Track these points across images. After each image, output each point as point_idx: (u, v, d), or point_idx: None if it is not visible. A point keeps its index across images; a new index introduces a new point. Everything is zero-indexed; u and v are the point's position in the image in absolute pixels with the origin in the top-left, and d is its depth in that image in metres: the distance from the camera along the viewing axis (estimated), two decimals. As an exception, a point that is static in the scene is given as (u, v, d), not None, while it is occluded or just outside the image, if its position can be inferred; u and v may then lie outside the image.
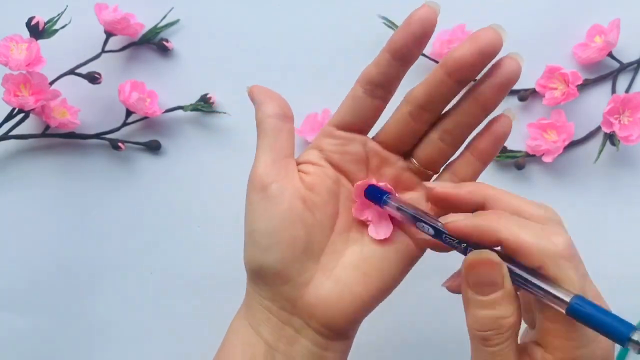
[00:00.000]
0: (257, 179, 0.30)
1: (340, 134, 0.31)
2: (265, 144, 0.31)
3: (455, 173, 0.31)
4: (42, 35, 0.43)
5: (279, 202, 0.30)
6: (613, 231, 0.46)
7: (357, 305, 0.31)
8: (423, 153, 0.31)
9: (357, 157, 0.32)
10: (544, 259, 0.25)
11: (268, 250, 0.30)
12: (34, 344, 0.46)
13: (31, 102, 0.42)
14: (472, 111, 0.29)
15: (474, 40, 0.27)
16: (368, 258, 0.31)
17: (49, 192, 0.46)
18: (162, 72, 0.47)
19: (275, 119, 0.31)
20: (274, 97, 0.32)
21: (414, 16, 0.28)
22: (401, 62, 0.29)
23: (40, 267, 0.46)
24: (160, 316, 0.47)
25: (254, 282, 0.32)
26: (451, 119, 0.30)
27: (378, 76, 0.30)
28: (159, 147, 0.46)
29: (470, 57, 0.27)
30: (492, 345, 0.25)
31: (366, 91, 0.30)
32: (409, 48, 0.28)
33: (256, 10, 0.47)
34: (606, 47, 0.44)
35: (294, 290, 0.30)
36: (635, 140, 0.44)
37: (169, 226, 0.47)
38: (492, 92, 0.28)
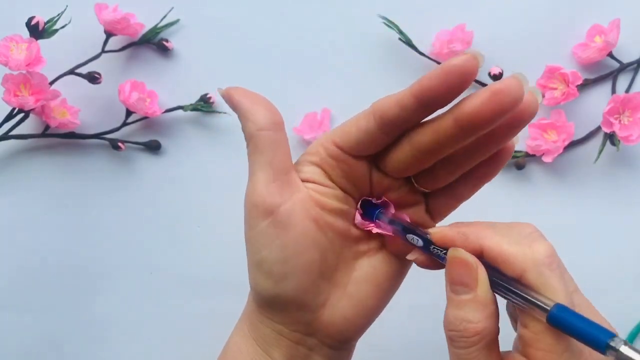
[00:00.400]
0: (260, 202, 0.27)
1: (346, 158, 0.28)
2: (262, 160, 0.28)
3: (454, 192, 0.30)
4: (42, 35, 0.43)
5: (290, 227, 0.27)
6: (613, 231, 0.46)
7: (371, 317, 0.31)
8: (424, 179, 0.29)
9: (361, 181, 0.29)
10: (525, 266, 0.24)
11: (283, 280, 0.28)
12: (34, 344, 0.46)
13: (31, 102, 0.42)
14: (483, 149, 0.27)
15: (494, 95, 0.23)
16: (376, 268, 0.30)
17: (49, 192, 0.46)
18: (162, 72, 0.47)
19: (270, 131, 0.28)
20: (261, 102, 0.28)
21: (454, 65, 0.23)
22: (426, 110, 0.25)
23: (40, 267, 0.46)
24: (160, 316, 0.47)
25: (263, 308, 0.30)
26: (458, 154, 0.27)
27: (397, 119, 0.26)
28: (159, 147, 0.46)
29: (488, 114, 0.23)
30: (457, 347, 0.25)
31: (380, 128, 0.26)
32: (440, 99, 0.25)
33: (256, 10, 0.47)
34: (606, 47, 0.44)
35: (310, 314, 0.29)
36: (635, 140, 0.44)
37: (169, 226, 0.46)
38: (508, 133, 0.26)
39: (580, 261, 0.46)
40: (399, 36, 0.45)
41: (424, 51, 0.46)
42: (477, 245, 0.26)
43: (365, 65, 0.46)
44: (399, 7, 0.46)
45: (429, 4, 0.46)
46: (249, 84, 0.46)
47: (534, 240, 0.25)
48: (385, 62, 0.46)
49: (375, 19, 0.45)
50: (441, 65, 0.24)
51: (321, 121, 0.45)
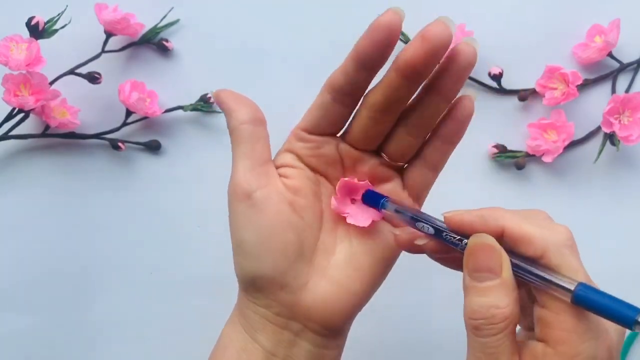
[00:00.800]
0: (238, 188, 0.30)
1: (312, 137, 0.31)
2: (242, 151, 0.30)
3: (426, 159, 0.31)
4: (42, 35, 0.43)
5: (266, 209, 0.29)
6: (613, 231, 0.46)
7: (354, 301, 0.31)
8: (392, 148, 0.31)
9: (331, 158, 0.31)
10: (547, 246, 0.24)
11: (260, 260, 0.30)
12: (34, 344, 0.46)
13: (31, 102, 0.42)
14: (435, 103, 0.28)
15: (424, 38, 0.26)
16: (357, 253, 0.31)
17: (49, 192, 0.46)
18: (162, 72, 0.47)
19: (250, 125, 0.30)
20: (244, 101, 0.31)
21: (378, 23, 0.27)
22: (367, 70, 0.28)
23: (41, 267, 0.46)
24: (160, 316, 0.47)
25: (247, 291, 0.32)
26: (415, 114, 0.29)
27: (345, 85, 0.29)
28: (159, 147, 0.46)
29: (422, 57, 0.26)
30: (483, 336, 0.25)
31: (334, 99, 0.29)
32: (374, 57, 0.27)
33: (256, 10, 0.47)
34: (606, 47, 0.44)
35: (291, 295, 0.30)
36: (635, 140, 0.44)
37: (169, 226, 0.46)
38: (452, 82, 0.28)
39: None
40: (399, 36, 0.45)
41: (424, 51, 0.46)
42: (497, 227, 0.26)
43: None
44: (399, 7, 0.46)
45: (429, 4, 0.46)
46: (249, 84, 0.47)
47: (552, 223, 0.25)
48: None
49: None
50: (369, 26, 0.27)
51: (321, 121, 0.45)
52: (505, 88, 0.46)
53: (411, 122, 0.29)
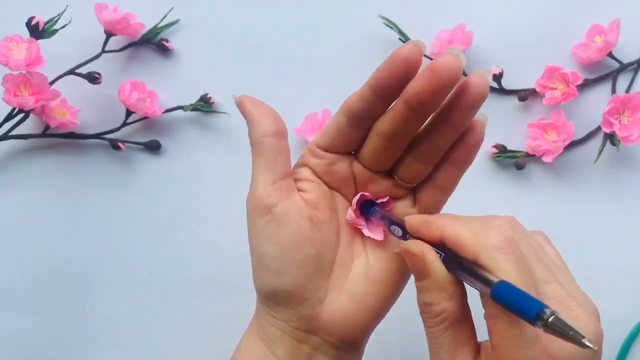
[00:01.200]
0: (258, 202, 0.30)
1: (326, 154, 0.31)
2: (263, 164, 0.30)
3: (436, 181, 0.31)
4: (42, 35, 0.43)
5: (286, 224, 0.30)
6: (613, 231, 0.46)
7: (372, 315, 0.31)
8: (403, 172, 0.31)
9: (344, 176, 0.31)
10: (478, 251, 0.25)
11: (281, 274, 0.30)
12: (34, 344, 0.46)
13: (31, 102, 0.42)
14: (444, 133, 0.28)
15: (433, 72, 0.25)
16: (374, 266, 0.31)
17: (49, 192, 0.46)
18: (162, 72, 0.47)
19: (272, 138, 0.30)
20: (267, 112, 0.31)
21: (398, 54, 0.26)
22: (384, 100, 0.28)
23: (40, 267, 0.46)
24: (160, 316, 0.47)
25: (266, 304, 0.32)
26: (425, 142, 0.29)
27: (361, 111, 0.28)
28: (159, 147, 0.46)
29: (430, 91, 0.25)
30: (427, 327, 0.27)
31: (349, 122, 0.29)
32: (391, 87, 0.27)
33: (256, 10, 0.47)
34: (606, 47, 0.44)
35: (310, 309, 0.30)
36: (635, 140, 0.44)
37: (169, 226, 0.47)
38: (462, 115, 0.27)
39: (580, 261, 0.46)
40: (399, 36, 0.45)
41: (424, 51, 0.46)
42: (438, 233, 0.27)
43: (366, 65, 0.46)
44: (399, 7, 0.46)
45: (429, 4, 0.46)
46: (249, 84, 0.47)
47: (492, 228, 0.26)
48: (385, 62, 0.46)
49: (375, 19, 0.45)
50: (389, 57, 0.26)
51: (322, 121, 0.45)
52: (505, 88, 0.46)
53: (421, 149, 0.29)
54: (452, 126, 0.28)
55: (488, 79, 0.27)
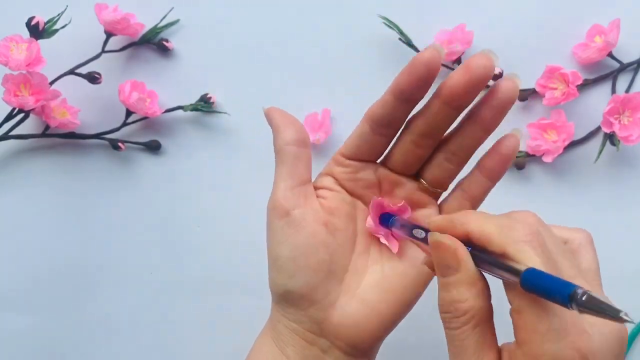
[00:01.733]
0: (278, 206, 0.31)
1: (350, 162, 0.32)
2: (285, 171, 0.31)
3: (465, 190, 0.32)
4: (42, 35, 0.43)
5: (302, 228, 0.31)
6: (613, 231, 0.46)
7: (382, 323, 0.31)
8: (431, 174, 0.32)
9: (369, 182, 0.32)
10: (505, 243, 0.25)
11: (294, 276, 0.31)
12: (34, 344, 0.46)
13: (31, 102, 0.42)
14: (474, 133, 0.30)
15: (467, 68, 0.27)
16: (389, 276, 0.32)
17: (49, 192, 0.46)
18: (162, 72, 0.47)
19: (295, 147, 0.31)
20: (292, 122, 0.32)
21: (419, 59, 0.27)
22: (406, 103, 0.29)
23: (40, 267, 0.46)
24: (160, 316, 0.47)
25: (279, 304, 0.32)
26: (455, 142, 0.30)
27: (383, 117, 0.30)
28: (159, 147, 0.46)
29: (465, 86, 0.27)
30: (450, 328, 0.26)
31: (373, 130, 0.30)
32: (413, 91, 0.28)
33: (256, 10, 0.47)
34: (606, 47, 0.44)
35: (321, 312, 0.31)
36: (635, 140, 0.44)
37: (169, 226, 0.47)
38: (492, 115, 0.29)
39: (580, 261, 0.46)
40: (399, 36, 0.45)
41: (424, 51, 0.46)
42: (463, 229, 0.27)
43: (366, 65, 0.46)
44: (399, 7, 0.46)
45: (429, 4, 0.46)
46: (249, 85, 0.47)
47: (519, 222, 0.25)
48: (386, 62, 0.46)
49: (375, 19, 0.45)
50: (410, 62, 0.28)
51: (322, 122, 0.45)
52: (505, 88, 0.46)
53: (450, 149, 0.31)
54: (481, 125, 0.29)
55: (518, 83, 0.28)
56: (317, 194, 0.32)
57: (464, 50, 0.44)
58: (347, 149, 0.32)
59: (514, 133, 0.31)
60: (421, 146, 0.30)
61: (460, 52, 0.44)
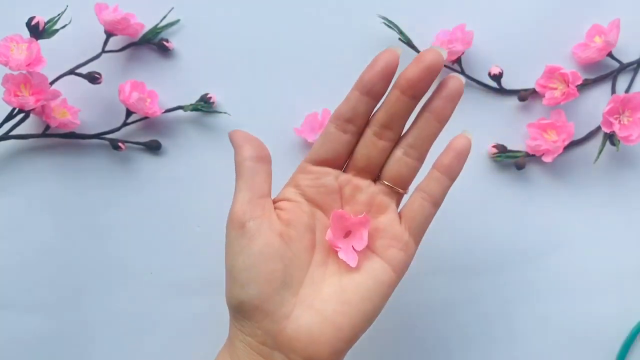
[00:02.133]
0: (234, 217, 0.32)
1: (314, 169, 0.34)
2: (243, 184, 0.33)
3: (424, 191, 0.34)
4: (42, 35, 0.43)
5: (256, 238, 0.31)
6: (613, 231, 0.46)
7: (340, 336, 0.31)
8: (392, 171, 0.34)
9: (331, 188, 0.34)
10: None
11: (247, 285, 0.31)
12: (34, 344, 0.46)
13: (31, 102, 0.42)
14: (429, 124, 0.33)
15: (420, 61, 0.31)
16: (347, 288, 0.32)
17: (49, 192, 0.46)
18: (162, 72, 0.47)
19: (252, 162, 0.33)
20: (251, 140, 0.34)
21: (380, 56, 0.31)
22: (368, 97, 0.32)
23: (41, 267, 0.46)
24: (161, 316, 0.47)
25: (235, 318, 0.33)
26: (412, 134, 0.33)
27: (347, 112, 0.32)
28: (159, 147, 0.47)
29: (419, 75, 0.31)
30: None
31: (337, 127, 0.33)
32: (375, 83, 0.31)
33: (256, 10, 0.47)
34: (606, 47, 0.44)
35: (274, 324, 0.31)
36: (635, 140, 0.44)
37: (169, 226, 0.47)
38: (444, 104, 0.32)
39: (580, 261, 0.46)
40: (399, 36, 0.45)
41: (424, 51, 0.46)
42: None
43: (366, 65, 0.46)
44: (399, 7, 0.46)
45: (429, 4, 0.46)
46: (249, 85, 0.47)
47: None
48: (386, 62, 0.46)
49: (375, 19, 0.45)
50: (371, 61, 0.32)
51: (322, 122, 0.45)
52: (505, 88, 0.46)
53: (408, 142, 0.33)
54: (435, 114, 0.32)
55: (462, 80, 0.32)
56: (276, 206, 0.34)
57: (464, 50, 0.44)
58: (313, 154, 0.34)
59: (464, 133, 0.34)
60: (382, 137, 0.33)
61: (460, 52, 0.44)
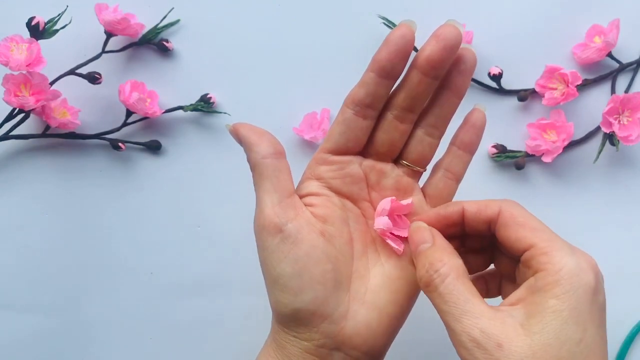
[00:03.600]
0: (268, 222, 0.30)
1: (336, 159, 0.32)
2: (267, 186, 0.30)
3: (447, 169, 0.33)
4: (42, 36, 0.43)
5: (300, 241, 0.29)
6: (612, 231, 0.46)
7: (394, 324, 0.31)
8: (414, 152, 0.32)
9: (357, 177, 0.32)
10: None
11: (301, 293, 0.29)
12: (34, 344, 0.46)
13: (31, 102, 0.42)
14: (449, 100, 0.31)
15: (438, 38, 0.29)
16: (392, 275, 0.32)
17: (49, 192, 0.46)
18: (162, 72, 0.47)
19: (272, 159, 0.30)
20: (263, 134, 0.31)
21: (394, 33, 0.29)
22: (387, 79, 0.30)
23: (41, 267, 0.46)
24: (161, 316, 0.47)
25: (286, 325, 0.31)
26: (433, 113, 0.32)
27: (366, 97, 0.30)
28: (159, 147, 0.47)
29: (439, 54, 0.29)
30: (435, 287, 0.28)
31: (356, 112, 0.30)
32: (393, 63, 0.29)
33: (256, 10, 0.47)
34: (605, 47, 0.44)
35: (334, 325, 0.30)
36: (634, 140, 0.44)
37: (169, 226, 0.47)
38: (462, 79, 0.31)
39: (580, 261, 0.46)
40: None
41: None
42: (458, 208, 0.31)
43: (365, 65, 0.46)
44: (399, 7, 0.46)
45: (429, 4, 0.46)
46: (249, 84, 0.47)
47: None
48: (385, 62, 0.46)
49: (375, 19, 0.45)
50: (385, 40, 0.29)
51: (321, 121, 0.45)
52: (505, 88, 0.46)
53: (429, 122, 0.32)
54: (453, 90, 0.31)
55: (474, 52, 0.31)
56: (305, 202, 0.31)
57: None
58: (330, 142, 0.31)
59: (478, 107, 0.33)
60: (404, 121, 0.31)
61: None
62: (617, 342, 0.46)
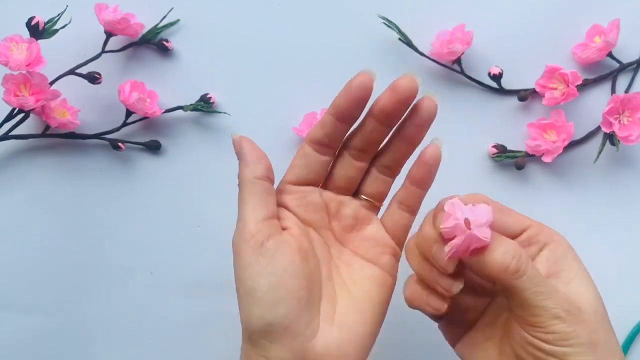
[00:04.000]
0: (250, 237, 0.31)
1: (297, 189, 0.33)
2: (254, 203, 0.32)
3: (402, 202, 0.35)
4: (42, 35, 0.43)
5: (279, 255, 0.30)
6: (613, 231, 0.46)
7: (363, 344, 0.32)
8: (369, 188, 0.35)
9: (318, 205, 0.34)
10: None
11: (275, 306, 0.30)
12: (34, 344, 0.46)
13: (31, 102, 0.42)
14: (402, 148, 0.33)
15: (394, 90, 0.31)
16: (358, 297, 0.33)
17: (49, 192, 0.46)
18: (162, 72, 0.47)
19: (264, 181, 0.32)
20: (262, 157, 0.33)
21: (353, 82, 0.31)
22: (344, 123, 0.32)
23: (40, 267, 0.46)
24: (161, 316, 0.47)
25: (256, 344, 0.31)
26: (386, 156, 0.34)
27: (324, 137, 0.32)
28: (159, 147, 0.47)
29: (392, 106, 0.31)
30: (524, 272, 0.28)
31: (314, 149, 0.33)
32: (351, 110, 0.31)
33: (256, 10, 0.47)
34: (606, 47, 0.44)
35: (304, 343, 0.30)
36: (634, 140, 0.44)
37: (169, 226, 0.47)
38: (416, 131, 0.32)
39: (580, 261, 0.46)
40: (399, 36, 0.45)
41: (423, 51, 0.46)
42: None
43: (365, 65, 0.46)
44: (399, 7, 0.46)
45: (429, 4, 0.46)
46: (249, 84, 0.47)
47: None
48: (385, 62, 0.46)
49: (375, 19, 0.45)
50: (345, 86, 0.31)
51: (321, 121, 0.45)
52: (505, 88, 0.46)
53: (382, 163, 0.34)
54: (407, 140, 0.33)
55: (436, 102, 0.32)
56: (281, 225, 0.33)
57: (464, 50, 0.44)
58: (292, 175, 0.33)
59: (434, 143, 0.33)
60: (360, 159, 0.33)
61: (460, 52, 0.44)
62: (617, 342, 0.46)
